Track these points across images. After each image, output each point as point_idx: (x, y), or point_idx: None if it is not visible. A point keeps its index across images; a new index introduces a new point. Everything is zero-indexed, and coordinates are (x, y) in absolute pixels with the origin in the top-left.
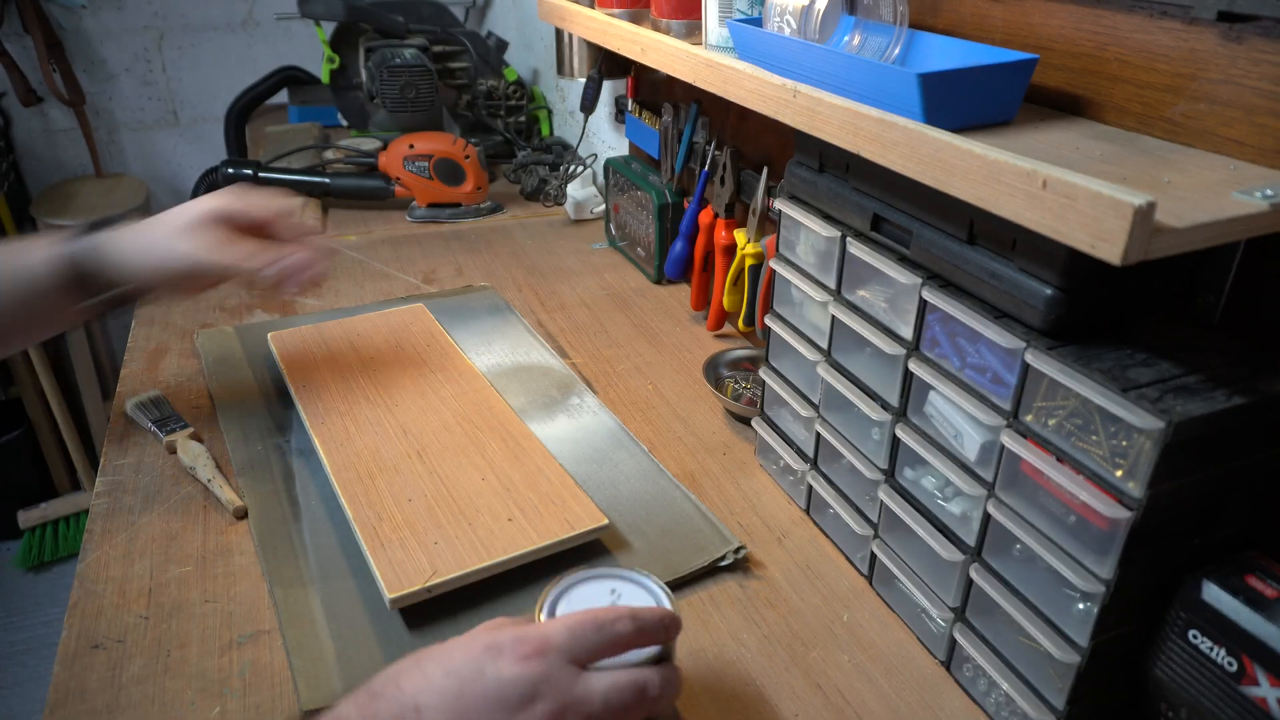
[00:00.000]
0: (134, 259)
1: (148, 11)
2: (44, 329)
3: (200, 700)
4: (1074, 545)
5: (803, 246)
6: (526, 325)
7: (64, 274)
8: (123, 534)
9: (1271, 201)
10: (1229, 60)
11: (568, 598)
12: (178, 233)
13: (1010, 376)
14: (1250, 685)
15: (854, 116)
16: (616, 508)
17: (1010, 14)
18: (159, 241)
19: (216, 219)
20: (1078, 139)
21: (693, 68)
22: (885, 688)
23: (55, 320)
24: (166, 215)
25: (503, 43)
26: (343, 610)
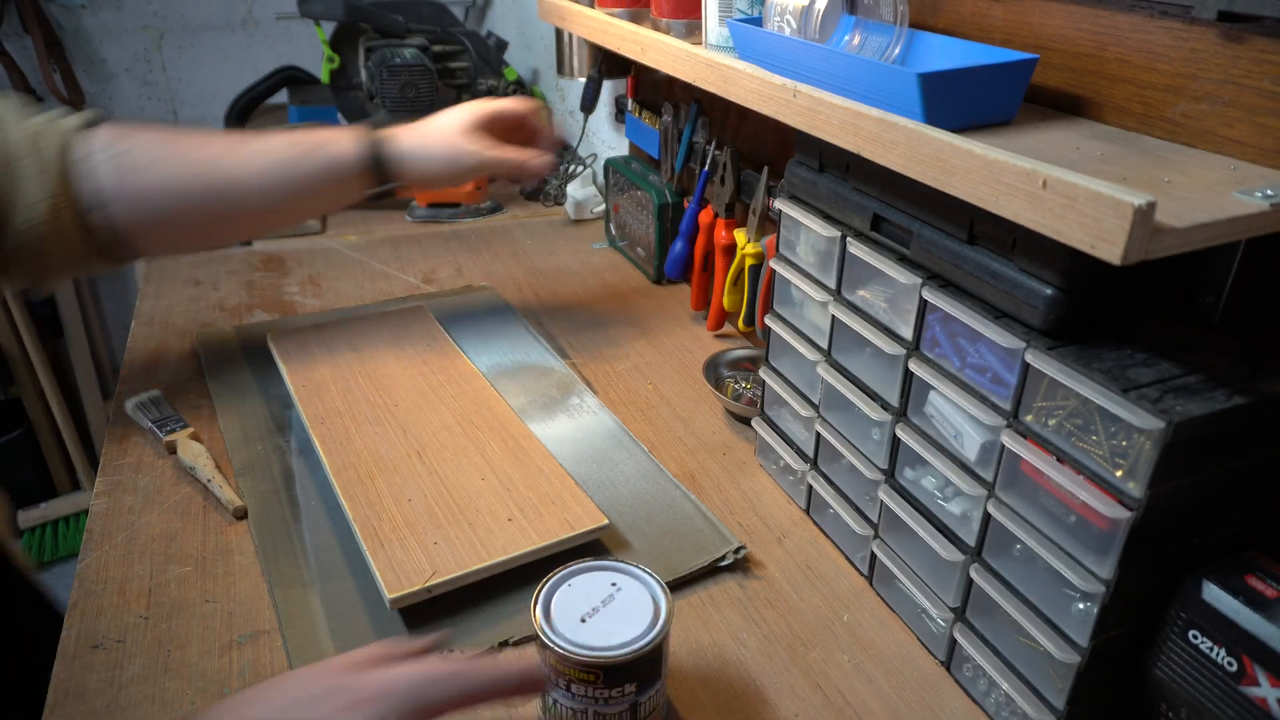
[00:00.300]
0: (428, 158)
1: (147, 11)
2: (333, 207)
3: (200, 700)
4: (1074, 545)
5: (803, 246)
6: (526, 325)
7: (367, 163)
8: (123, 534)
9: (1272, 201)
10: (1230, 60)
11: (566, 587)
12: (463, 135)
13: (1010, 376)
14: (1250, 685)
15: (854, 116)
16: (616, 508)
17: (1010, 14)
18: (449, 143)
19: (486, 122)
20: (1078, 139)
21: (693, 68)
22: (885, 688)
23: (344, 200)
24: (442, 120)
25: (503, 43)
26: (343, 610)
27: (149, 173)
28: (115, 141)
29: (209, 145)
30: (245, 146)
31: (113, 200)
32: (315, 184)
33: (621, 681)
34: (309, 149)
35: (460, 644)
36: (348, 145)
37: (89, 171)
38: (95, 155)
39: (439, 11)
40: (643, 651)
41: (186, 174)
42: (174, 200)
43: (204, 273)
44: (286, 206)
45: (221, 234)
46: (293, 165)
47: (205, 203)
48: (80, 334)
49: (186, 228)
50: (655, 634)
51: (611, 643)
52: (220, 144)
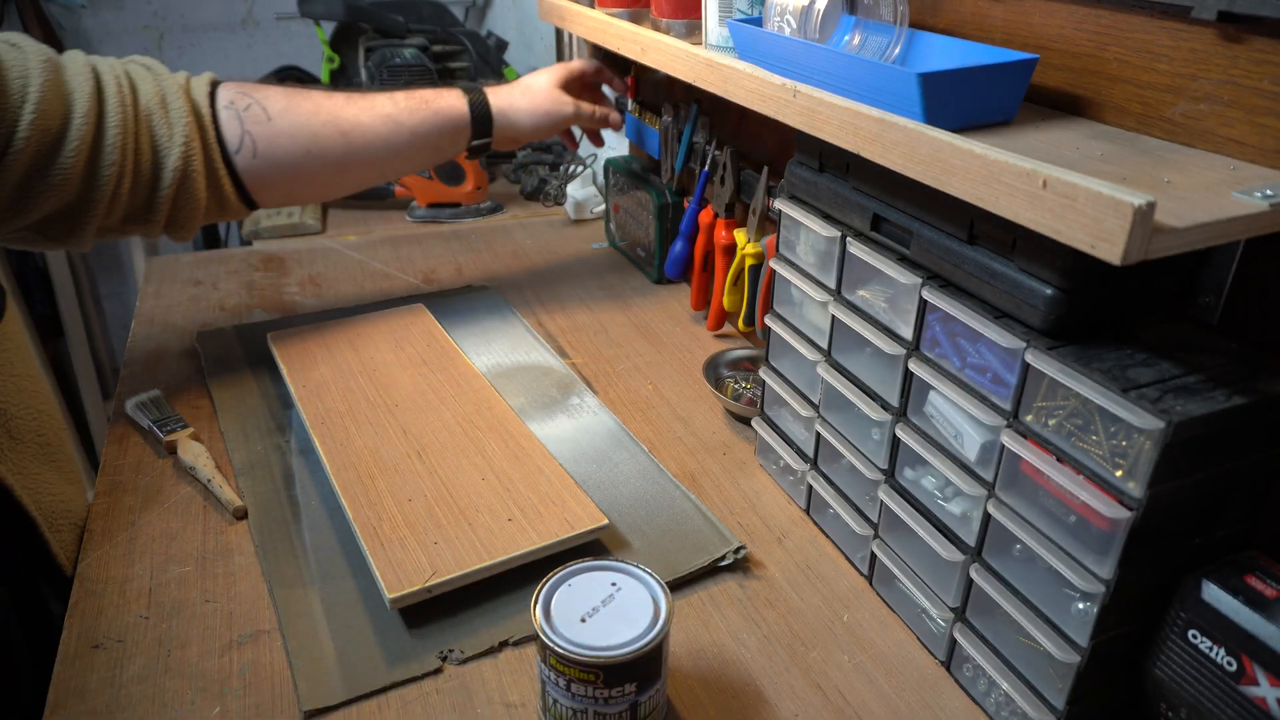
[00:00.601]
0: (530, 110)
1: (147, 11)
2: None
3: (200, 700)
4: (1074, 545)
5: (803, 246)
6: (526, 325)
7: (475, 113)
8: (123, 534)
9: (1271, 201)
10: (1229, 60)
11: (566, 587)
12: (557, 93)
13: (1010, 376)
14: (1250, 685)
15: (854, 116)
16: (616, 508)
17: (1010, 14)
18: (549, 95)
19: (569, 80)
20: (1078, 139)
21: (693, 68)
22: (885, 688)
23: (451, 151)
24: (534, 80)
25: (503, 43)
26: (343, 610)
27: (280, 121)
28: (241, 95)
29: (329, 98)
30: (361, 100)
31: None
32: (428, 134)
33: (621, 681)
34: (421, 101)
35: (460, 644)
36: (455, 99)
37: (224, 123)
38: (225, 109)
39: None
40: (643, 651)
41: (315, 122)
42: (302, 147)
43: (204, 273)
44: (402, 155)
45: (344, 180)
46: (409, 115)
47: (330, 150)
48: (80, 334)
49: (310, 174)
50: (655, 634)
51: (611, 642)
52: (338, 97)
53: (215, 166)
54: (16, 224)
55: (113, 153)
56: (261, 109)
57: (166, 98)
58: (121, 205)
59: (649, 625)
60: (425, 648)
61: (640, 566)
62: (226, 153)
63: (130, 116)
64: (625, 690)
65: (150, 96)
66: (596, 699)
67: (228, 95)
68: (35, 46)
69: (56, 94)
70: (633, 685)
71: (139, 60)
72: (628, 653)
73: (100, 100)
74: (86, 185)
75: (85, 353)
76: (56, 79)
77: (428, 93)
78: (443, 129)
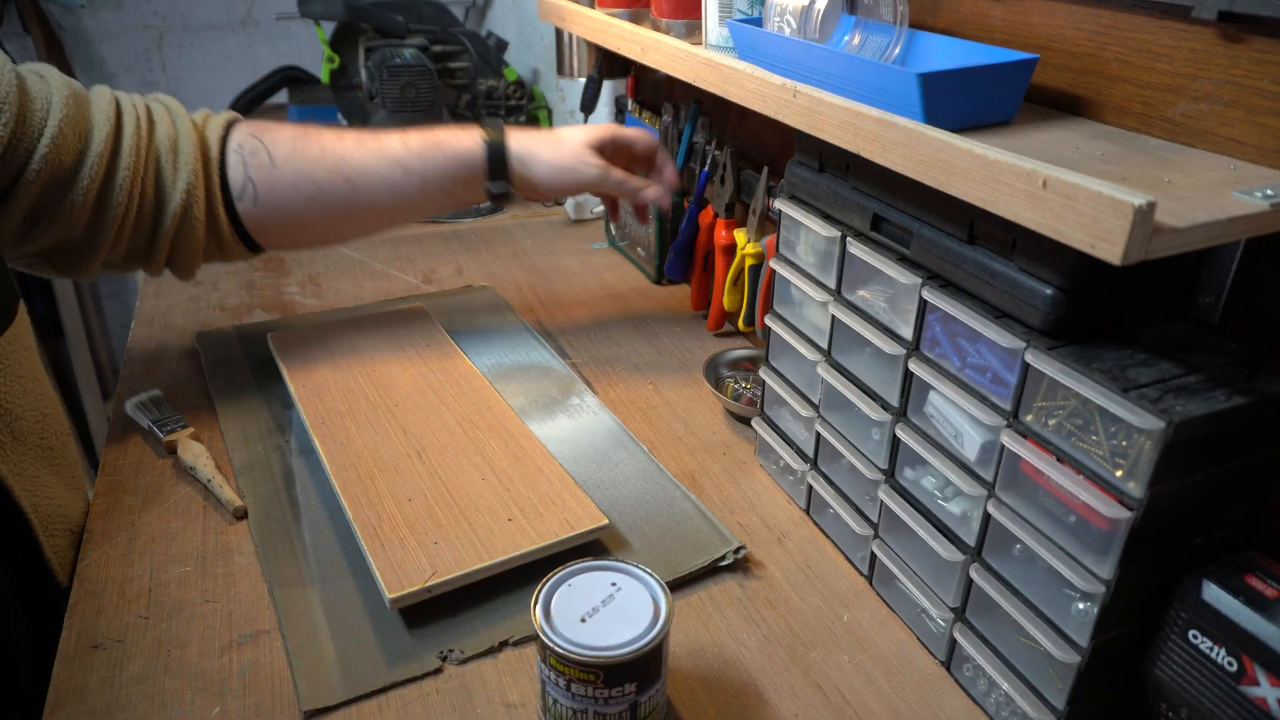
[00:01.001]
0: (552, 162)
1: (147, 11)
2: (454, 203)
3: (200, 700)
4: (1074, 545)
5: (803, 246)
6: (526, 325)
7: (490, 158)
8: (123, 534)
9: (1272, 201)
10: (1230, 60)
11: (566, 587)
12: (586, 153)
13: (1010, 376)
14: (1250, 685)
15: (854, 116)
16: (616, 508)
17: (1010, 14)
18: (575, 152)
19: (610, 142)
20: (1078, 139)
21: (693, 68)
22: (885, 688)
23: (466, 197)
24: (567, 134)
25: (503, 43)
26: (343, 610)
27: (283, 168)
28: (250, 138)
29: (339, 142)
30: (372, 142)
31: (248, 195)
32: (440, 180)
33: (621, 681)
34: (433, 144)
35: (460, 644)
36: (470, 139)
37: (231, 167)
38: (234, 153)
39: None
40: (643, 651)
41: (319, 169)
42: (304, 195)
43: (204, 273)
44: (411, 203)
45: (347, 228)
46: (419, 160)
47: (334, 197)
48: (80, 334)
49: (312, 222)
50: (655, 634)
51: (611, 642)
52: (349, 140)
53: (216, 211)
54: (22, 250)
55: (121, 192)
56: (267, 154)
57: (178, 141)
58: (125, 243)
59: (649, 625)
60: (425, 648)
61: (640, 566)
62: (230, 198)
63: (141, 158)
64: (625, 690)
65: (163, 138)
66: (596, 699)
67: (238, 138)
68: (60, 80)
69: (75, 130)
70: (633, 685)
71: (161, 99)
72: (628, 653)
73: (117, 139)
74: (94, 221)
75: (85, 353)
76: (77, 114)
77: (442, 133)
78: (455, 174)
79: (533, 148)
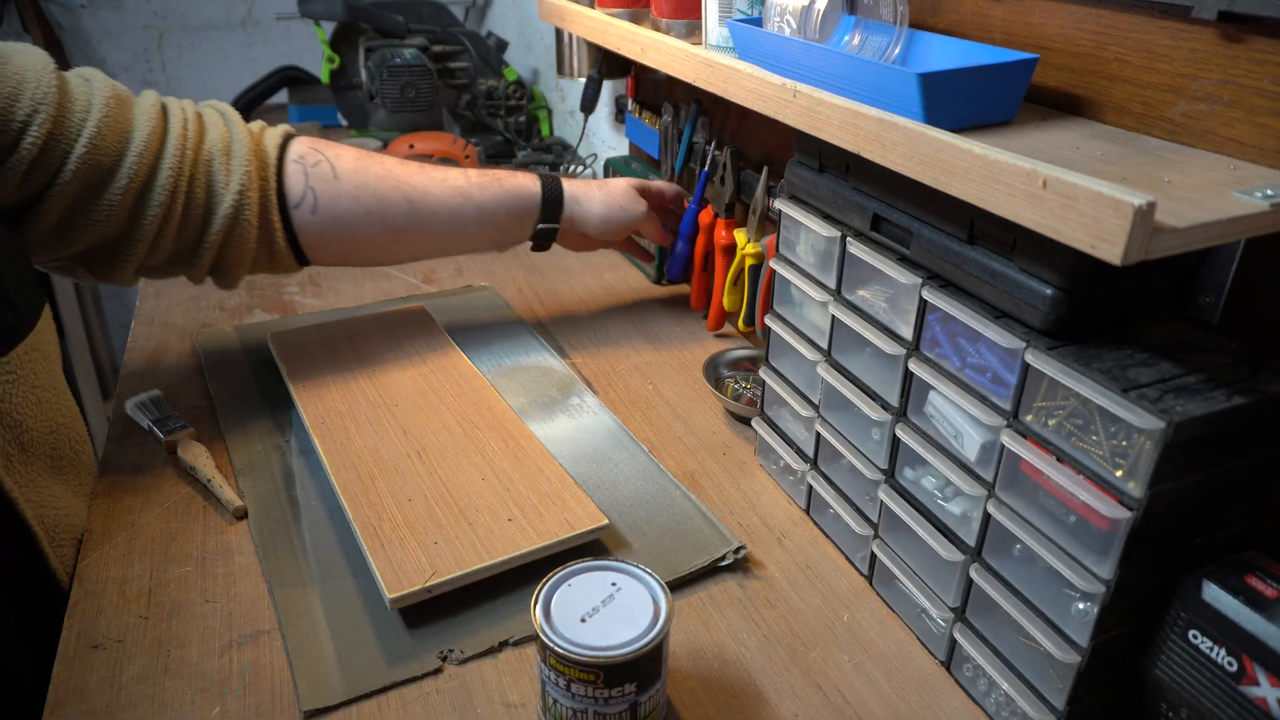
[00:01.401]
0: (604, 206)
1: (147, 11)
2: (505, 240)
3: (200, 700)
4: (1074, 545)
5: (803, 246)
6: (527, 325)
7: (545, 201)
8: (123, 534)
9: (1272, 201)
10: (1230, 60)
11: (566, 587)
12: (629, 199)
13: (1010, 376)
14: (1250, 685)
15: (854, 116)
16: (616, 508)
17: (1010, 14)
18: (623, 195)
19: (641, 189)
20: (1078, 139)
21: (693, 68)
22: (885, 688)
23: (518, 234)
24: (611, 184)
25: (503, 43)
26: (343, 610)
27: (346, 181)
28: (313, 151)
29: (401, 165)
30: (434, 170)
31: (307, 202)
32: (495, 211)
33: (621, 681)
34: (493, 178)
35: (460, 644)
36: (527, 180)
37: (290, 175)
38: (293, 162)
39: (439, 11)
40: (643, 651)
41: (382, 185)
42: (364, 209)
43: None
44: (465, 231)
45: (402, 248)
46: (479, 190)
47: (393, 215)
48: (80, 334)
49: (368, 238)
50: (655, 634)
51: (611, 643)
52: (411, 165)
53: (270, 217)
54: (58, 253)
55: (161, 193)
56: (330, 166)
57: (232, 144)
58: (167, 246)
59: (649, 625)
60: (425, 648)
61: (640, 566)
62: (285, 205)
63: (189, 159)
64: (625, 690)
65: (215, 141)
66: (596, 699)
67: (299, 149)
68: (105, 82)
69: (115, 130)
70: (633, 685)
71: (215, 105)
72: (628, 653)
73: (162, 140)
74: (130, 223)
75: (85, 353)
76: (119, 115)
77: (501, 172)
78: (511, 207)
79: (586, 189)
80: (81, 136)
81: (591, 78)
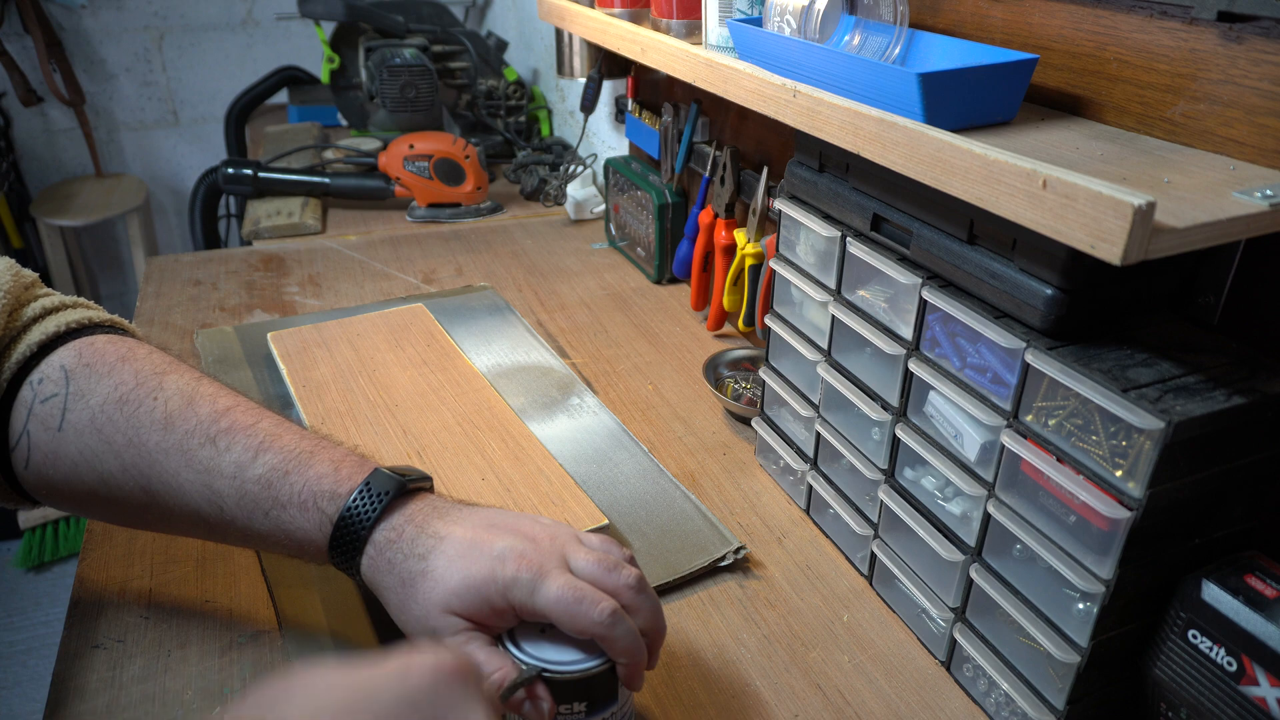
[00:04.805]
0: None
1: (148, 11)
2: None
3: (200, 700)
4: (1074, 545)
5: (803, 246)
6: (526, 325)
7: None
8: (123, 534)
9: (1271, 201)
10: (1229, 60)
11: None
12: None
13: (1010, 376)
14: (1250, 685)
15: (854, 116)
16: (616, 508)
17: (1010, 14)
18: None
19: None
20: (1078, 139)
21: (693, 68)
22: (885, 688)
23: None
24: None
25: (503, 43)
26: (343, 610)
27: (71, 439)
28: (59, 373)
29: (167, 428)
30: (204, 450)
31: (20, 451)
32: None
33: (569, 699)
34: (273, 500)
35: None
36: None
37: (18, 403)
38: (28, 386)
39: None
40: (590, 673)
41: (115, 462)
42: (89, 484)
43: (204, 273)
44: (223, 536)
45: (136, 525)
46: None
47: (125, 501)
48: None
49: (98, 513)
50: (602, 661)
51: (561, 659)
52: (189, 423)
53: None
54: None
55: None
56: (61, 408)
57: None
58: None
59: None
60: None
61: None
62: (4, 441)
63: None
64: (574, 709)
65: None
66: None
67: (50, 366)
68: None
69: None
70: (582, 705)
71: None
72: (573, 672)
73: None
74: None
75: None
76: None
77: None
78: (283, 545)
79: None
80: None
81: (591, 78)
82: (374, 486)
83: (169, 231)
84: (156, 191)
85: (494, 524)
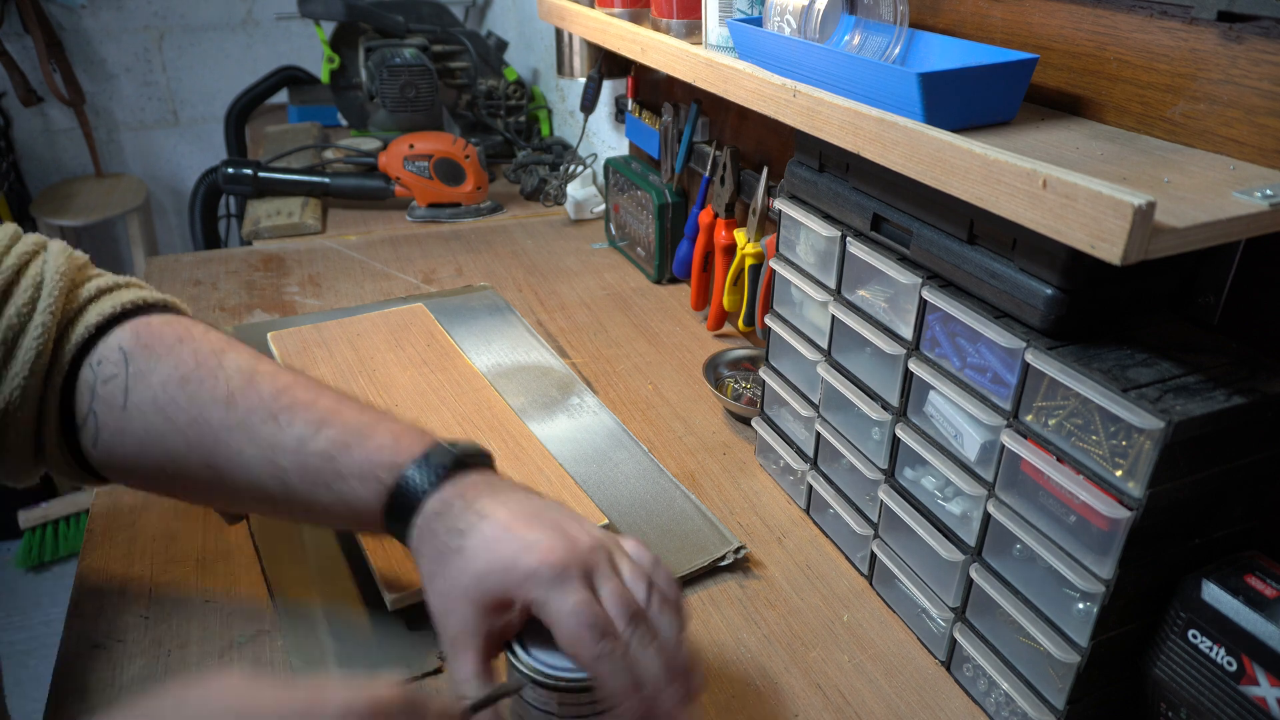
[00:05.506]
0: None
1: (148, 11)
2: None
3: None
4: (1074, 545)
5: (803, 246)
6: (526, 325)
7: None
8: (123, 534)
9: (1271, 201)
10: (1229, 60)
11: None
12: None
13: (1010, 376)
14: (1250, 685)
15: (854, 116)
16: (616, 508)
17: (1010, 14)
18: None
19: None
20: (1078, 139)
21: (693, 68)
22: (885, 688)
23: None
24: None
25: (503, 43)
26: (343, 610)
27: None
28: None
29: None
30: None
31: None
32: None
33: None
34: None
35: None
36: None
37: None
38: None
39: (439, 11)
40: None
41: (180, 439)
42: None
43: (204, 273)
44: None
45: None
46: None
47: (192, 477)
48: None
49: (166, 490)
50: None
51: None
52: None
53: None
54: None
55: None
56: (123, 386)
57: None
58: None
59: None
60: (425, 648)
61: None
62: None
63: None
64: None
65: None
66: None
67: (108, 347)
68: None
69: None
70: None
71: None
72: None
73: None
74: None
75: None
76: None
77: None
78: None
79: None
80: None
81: (591, 78)
82: (432, 459)
83: (169, 231)
84: (156, 191)
85: (538, 514)
